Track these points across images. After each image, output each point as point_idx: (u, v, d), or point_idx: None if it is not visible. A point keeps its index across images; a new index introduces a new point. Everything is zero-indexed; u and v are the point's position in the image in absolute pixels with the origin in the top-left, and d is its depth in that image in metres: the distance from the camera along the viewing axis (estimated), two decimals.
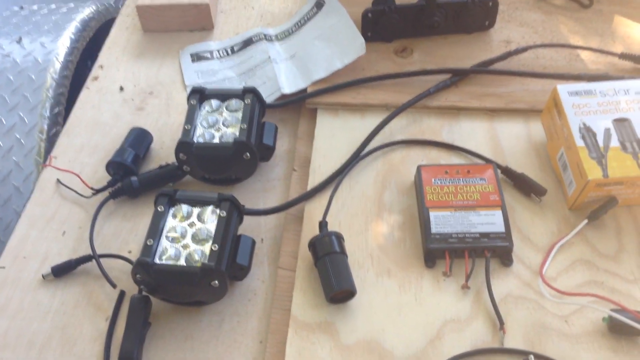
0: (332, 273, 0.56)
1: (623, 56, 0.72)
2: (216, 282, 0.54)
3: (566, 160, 0.61)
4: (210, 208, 0.58)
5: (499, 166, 0.64)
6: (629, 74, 0.71)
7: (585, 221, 0.59)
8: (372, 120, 0.70)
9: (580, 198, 0.60)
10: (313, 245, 0.58)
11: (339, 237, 0.58)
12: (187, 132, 0.64)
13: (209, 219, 0.58)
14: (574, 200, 0.60)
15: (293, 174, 0.68)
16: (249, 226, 0.63)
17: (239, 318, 0.58)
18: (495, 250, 0.58)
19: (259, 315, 0.58)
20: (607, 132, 0.60)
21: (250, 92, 0.67)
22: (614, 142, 0.59)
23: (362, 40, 0.75)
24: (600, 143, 0.59)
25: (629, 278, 0.56)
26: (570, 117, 0.61)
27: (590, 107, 0.62)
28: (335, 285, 0.55)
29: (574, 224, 0.60)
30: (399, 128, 0.71)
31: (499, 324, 0.53)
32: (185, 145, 0.63)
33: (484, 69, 0.73)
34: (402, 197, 0.64)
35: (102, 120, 0.76)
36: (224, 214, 0.57)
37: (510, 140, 0.68)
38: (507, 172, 0.64)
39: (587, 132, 0.60)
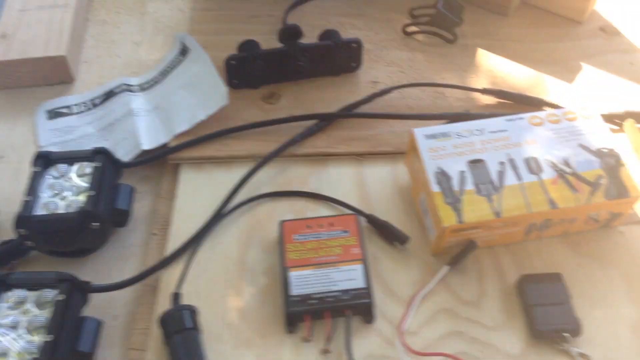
0: (181, 353, 0.52)
1: (485, 91, 0.73)
2: None
3: (426, 205, 0.60)
4: (48, 290, 0.53)
5: (364, 215, 0.63)
6: (492, 110, 0.72)
7: (447, 268, 0.58)
8: (239, 173, 0.67)
9: (440, 244, 0.59)
10: (163, 321, 0.54)
11: (192, 311, 0.54)
12: (27, 204, 0.59)
13: (48, 303, 0.53)
14: (435, 246, 0.59)
15: (152, 238, 0.64)
16: (102, 302, 0.58)
17: None
18: (356, 308, 0.55)
19: None
20: (461, 175, 0.59)
21: (101, 153, 0.63)
22: (469, 185, 0.58)
23: (224, 89, 0.72)
24: (456, 187, 0.58)
25: (489, 325, 0.56)
26: (426, 161, 0.60)
27: (446, 150, 0.61)
28: None
29: (436, 271, 0.59)
30: (266, 179, 0.68)
31: None
32: (24, 220, 0.58)
33: (348, 113, 0.72)
34: (267, 255, 0.61)
35: None
36: (61, 297, 0.52)
37: (376, 185, 0.67)
38: (372, 220, 0.63)
39: (443, 177, 0.59)
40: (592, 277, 0.59)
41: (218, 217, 0.64)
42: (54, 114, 0.77)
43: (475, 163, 0.60)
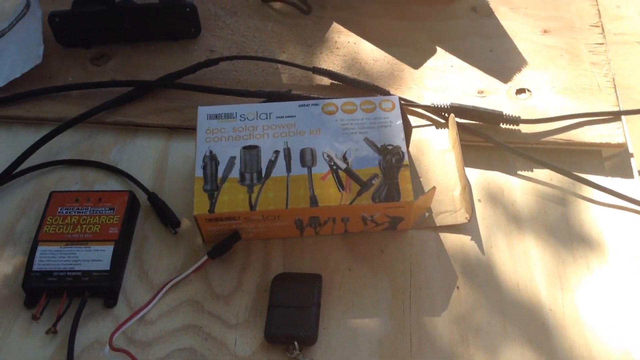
0: None
1: (315, 70, 0.67)
2: None
3: None
4: None
5: (146, 192, 0.60)
6: (324, 92, 0.67)
7: (205, 257, 0.55)
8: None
9: (204, 232, 0.55)
10: None
11: None
12: None
13: None
14: (203, 234, 0.56)
15: None
16: None
17: None
18: (95, 290, 0.53)
19: None
20: (231, 161, 0.55)
21: None
22: (235, 173, 0.54)
23: (40, 47, 0.69)
24: (221, 173, 0.54)
25: (230, 322, 0.52)
26: (199, 142, 0.56)
27: (225, 133, 0.57)
28: None
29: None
30: (69, 145, 0.65)
31: None
32: None
33: (167, 82, 0.67)
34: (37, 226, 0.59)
35: None
36: None
37: (179, 163, 0.63)
38: (151, 199, 0.59)
39: (211, 161, 0.55)
40: (359, 283, 0.54)
41: (2, 179, 0.61)
42: None
43: (249, 149, 0.56)
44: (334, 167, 0.54)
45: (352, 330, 0.52)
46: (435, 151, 0.60)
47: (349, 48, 0.71)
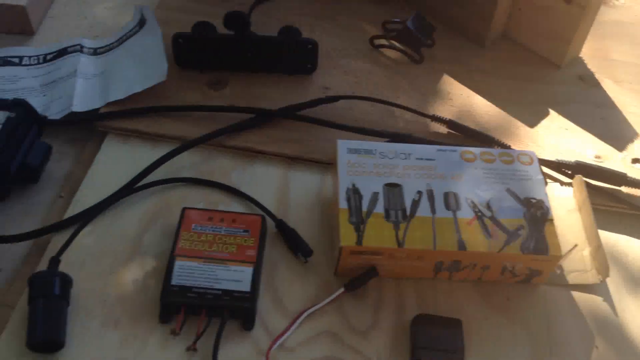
0: (39, 318, 0.49)
1: (434, 118, 0.70)
2: None
3: (335, 221, 0.57)
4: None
5: (274, 218, 0.60)
6: (439, 139, 0.69)
7: (342, 290, 0.55)
8: (163, 153, 0.65)
9: (341, 264, 0.56)
10: (31, 283, 0.52)
11: (65, 280, 0.52)
12: None
13: None
14: (336, 266, 0.56)
15: (58, 200, 0.62)
16: None
17: None
18: (235, 311, 0.53)
19: None
20: (374, 196, 0.56)
21: (19, 105, 0.61)
22: (379, 208, 0.55)
23: (165, 66, 0.70)
24: (365, 207, 0.56)
25: (371, 358, 0.52)
26: (341, 174, 0.57)
27: (365, 168, 0.58)
28: (39, 332, 0.49)
29: (335, 292, 0.56)
30: (189, 165, 0.65)
31: None
32: None
33: (286, 113, 0.69)
34: (165, 240, 0.58)
35: None
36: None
37: (299, 193, 0.64)
38: (280, 226, 0.60)
39: (354, 194, 0.56)
40: (496, 332, 0.55)
41: (126, 191, 0.61)
42: (4, 62, 0.75)
43: (392, 187, 0.57)
44: (479, 214, 0.56)
45: None
46: (559, 209, 0.62)
47: (462, 100, 0.74)
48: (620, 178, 0.65)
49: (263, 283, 0.56)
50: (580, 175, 0.63)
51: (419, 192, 0.57)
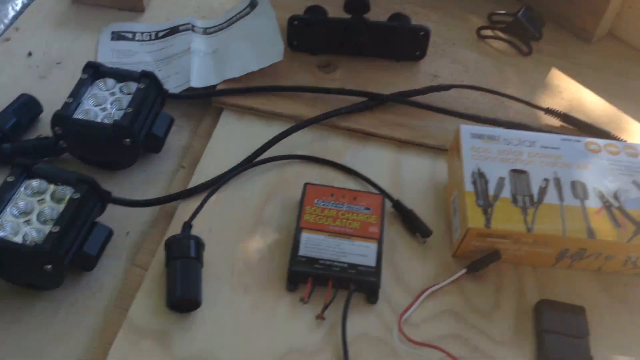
0: (178, 278, 0.51)
1: (549, 111, 0.70)
2: (49, 266, 0.49)
3: (457, 204, 0.58)
4: (68, 188, 0.54)
5: (390, 199, 0.61)
6: (553, 130, 0.69)
7: (464, 271, 0.56)
8: (277, 130, 0.66)
9: (463, 246, 0.56)
10: (168, 245, 0.53)
11: (199, 243, 0.54)
12: (67, 105, 0.60)
13: (63, 200, 0.53)
14: (457, 247, 0.57)
15: (180, 170, 0.64)
16: (118, 216, 0.59)
17: (77, 310, 0.53)
18: (361, 284, 0.54)
19: (99, 312, 0.53)
20: (500, 181, 0.56)
21: (147, 77, 0.63)
22: (506, 193, 0.56)
23: (282, 46, 0.71)
24: (491, 191, 0.56)
25: (496, 339, 0.53)
26: (466, 159, 0.58)
27: (490, 153, 0.58)
28: (179, 292, 0.51)
29: (454, 272, 0.56)
30: (303, 143, 0.67)
31: None
32: (61, 118, 0.59)
33: (401, 98, 0.70)
34: (285, 213, 0.60)
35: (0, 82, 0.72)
36: (77, 196, 0.52)
37: (412, 175, 0.65)
38: (397, 206, 0.61)
39: (480, 178, 0.56)
40: (618, 322, 0.54)
41: (247, 165, 0.63)
42: (118, 36, 0.78)
43: (518, 173, 0.57)
44: (607, 204, 0.55)
45: None
46: None
47: (572, 94, 0.74)
48: None
49: (383, 260, 0.57)
50: None
51: (546, 180, 0.57)
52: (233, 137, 0.67)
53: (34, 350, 0.50)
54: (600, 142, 0.60)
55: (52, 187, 0.54)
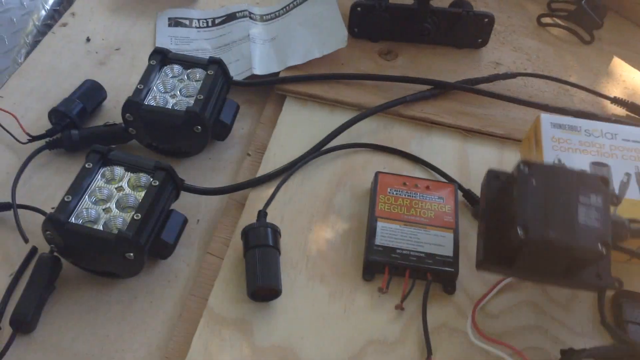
0: (259, 267, 0.51)
1: (616, 101, 0.69)
2: (131, 254, 0.49)
3: None
4: (144, 175, 0.54)
5: (461, 188, 0.60)
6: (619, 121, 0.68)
7: None
8: (340, 118, 0.66)
9: None
10: (246, 234, 0.53)
11: (276, 231, 0.54)
12: (139, 91, 0.60)
13: (140, 187, 0.53)
14: None
15: (246, 158, 0.64)
16: (188, 204, 0.59)
17: (153, 299, 0.53)
18: (438, 274, 0.53)
19: (175, 300, 0.53)
20: None
21: (216, 64, 0.63)
22: None
23: (345, 32, 0.70)
24: None
25: (575, 330, 0.52)
26: (546, 149, 0.57)
27: (571, 144, 0.57)
28: (260, 280, 0.51)
29: None
30: (367, 131, 0.66)
31: (427, 354, 0.49)
32: (133, 105, 0.58)
33: (467, 86, 0.69)
34: (355, 202, 0.60)
35: (60, 68, 0.71)
36: (156, 183, 0.52)
37: (479, 164, 0.64)
38: (468, 195, 0.60)
39: None
40: None
41: (315, 153, 0.62)
42: (175, 23, 0.78)
43: (599, 166, 0.56)
44: None
45: None
46: None
47: (635, 83, 0.73)
48: None
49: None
50: None
51: (628, 174, 0.56)
52: (297, 125, 0.66)
53: (112, 340, 0.50)
54: None
55: (129, 174, 0.54)
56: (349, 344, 0.50)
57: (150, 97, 0.60)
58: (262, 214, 0.55)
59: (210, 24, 0.78)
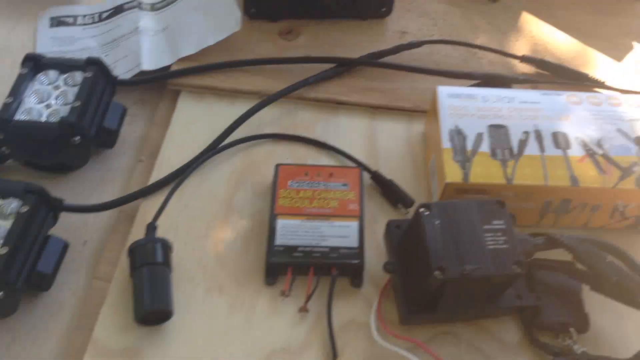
0: (146, 288, 0.47)
1: (524, 59, 0.66)
2: (1, 293, 0.45)
3: (435, 165, 0.55)
4: (14, 200, 0.49)
5: (368, 170, 0.57)
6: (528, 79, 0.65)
7: None
8: (242, 109, 0.61)
9: None
10: (132, 252, 0.49)
11: (166, 245, 0.50)
12: (7, 106, 0.54)
13: (9, 215, 0.48)
14: None
15: (139, 164, 0.59)
16: (72, 225, 0.54)
17: (36, 337, 0.48)
18: (344, 268, 0.50)
19: (61, 335, 0.49)
20: (478, 136, 0.53)
21: (94, 64, 0.58)
22: (484, 147, 0.52)
23: (238, 14, 0.66)
24: (469, 147, 0.52)
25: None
26: (443, 118, 0.54)
27: (468, 111, 0.55)
28: (148, 303, 0.47)
29: None
30: (270, 120, 0.62)
31: (332, 356, 0.46)
32: (1, 123, 0.53)
33: (371, 61, 0.65)
34: (257, 199, 0.56)
35: None
36: (25, 209, 0.48)
37: (388, 142, 0.61)
38: (376, 177, 0.57)
39: (457, 135, 0.53)
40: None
41: (211, 151, 0.58)
42: (57, 22, 0.72)
43: (497, 128, 0.54)
44: (591, 152, 0.52)
45: (619, 317, 0.50)
46: None
47: (545, 38, 0.70)
48: None
49: (366, 238, 0.53)
50: None
51: (526, 132, 0.53)
52: (194, 121, 0.62)
53: None
54: (582, 94, 0.57)
55: None
56: (251, 357, 0.47)
57: (21, 111, 0.55)
58: (150, 228, 0.51)
59: (97, 19, 0.72)
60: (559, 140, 0.53)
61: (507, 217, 0.46)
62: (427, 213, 0.46)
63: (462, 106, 0.55)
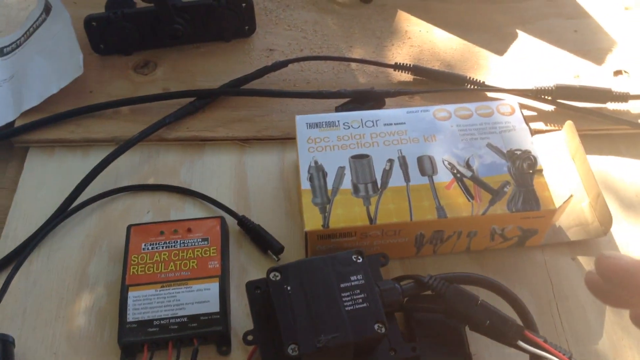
0: None
1: (398, 67, 0.61)
2: None
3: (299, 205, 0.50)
4: None
5: (235, 216, 0.53)
6: (405, 87, 0.61)
7: None
8: (97, 160, 0.56)
9: (311, 253, 0.49)
10: None
11: (5, 341, 0.45)
12: None
13: None
14: (307, 255, 0.49)
15: None
16: None
17: None
18: (206, 337, 0.46)
19: None
20: (340, 171, 0.49)
21: None
22: (346, 184, 0.48)
23: (80, 56, 0.60)
24: (331, 185, 0.48)
25: None
26: (302, 154, 0.50)
27: (329, 142, 0.50)
28: None
29: None
30: (128, 169, 0.57)
31: None
32: None
33: (233, 89, 0.60)
34: (114, 266, 0.51)
35: None
36: None
37: (259, 178, 0.56)
38: (242, 223, 0.53)
39: (317, 172, 0.49)
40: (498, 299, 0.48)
41: (60, 215, 0.53)
42: None
43: (360, 159, 0.50)
44: (458, 176, 0.49)
45: (505, 356, 0.46)
46: (550, 159, 0.54)
47: (422, 37, 0.66)
48: (604, 94, 0.58)
49: (234, 294, 0.49)
50: (570, 122, 0.55)
51: (390, 160, 0.49)
52: (44, 181, 0.56)
53: None
54: (450, 107, 0.53)
55: None
56: None
57: None
58: None
59: None
60: (425, 166, 0.49)
61: (365, 270, 0.42)
62: (277, 278, 0.42)
63: (323, 137, 0.51)
